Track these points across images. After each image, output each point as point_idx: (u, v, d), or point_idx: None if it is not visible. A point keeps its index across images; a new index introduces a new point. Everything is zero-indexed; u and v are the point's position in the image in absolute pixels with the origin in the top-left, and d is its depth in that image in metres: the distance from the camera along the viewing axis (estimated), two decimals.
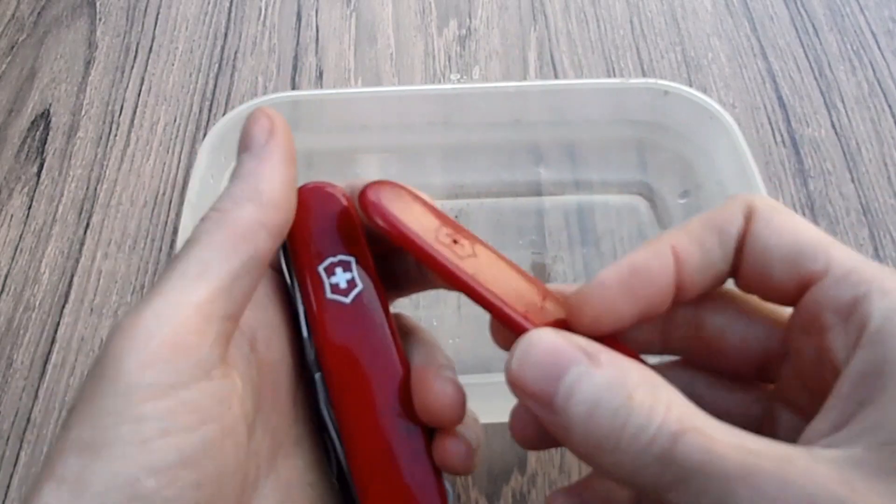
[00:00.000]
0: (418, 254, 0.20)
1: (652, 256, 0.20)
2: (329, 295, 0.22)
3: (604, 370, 0.17)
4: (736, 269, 0.20)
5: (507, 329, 0.20)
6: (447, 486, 0.22)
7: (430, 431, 0.22)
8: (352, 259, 0.22)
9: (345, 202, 0.23)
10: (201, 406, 0.17)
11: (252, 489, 0.20)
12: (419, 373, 0.22)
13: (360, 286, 0.22)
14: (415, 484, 0.22)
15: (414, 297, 0.38)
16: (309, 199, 0.22)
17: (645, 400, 0.16)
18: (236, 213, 0.19)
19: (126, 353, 0.17)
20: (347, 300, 0.22)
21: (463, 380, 0.32)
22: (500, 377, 0.34)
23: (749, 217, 0.20)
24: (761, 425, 0.21)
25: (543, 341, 0.17)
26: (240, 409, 0.19)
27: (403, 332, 0.24)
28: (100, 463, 0.16)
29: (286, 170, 0.21)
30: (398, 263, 0.25)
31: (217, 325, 0.18)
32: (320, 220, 0.22)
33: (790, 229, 0.19)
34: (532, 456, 0.34)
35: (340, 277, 0.22)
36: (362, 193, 0.20)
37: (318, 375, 0.22)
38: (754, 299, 0.21)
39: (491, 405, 0.35)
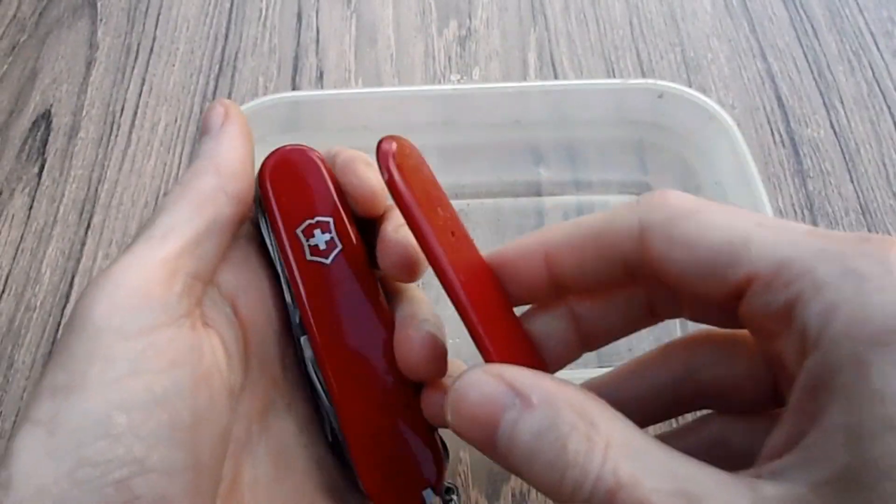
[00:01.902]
0: (408, 216, 0.20)
1: (520, 255, 0.21)
2: (309, 257, 0.22)
3: (535, 413, 0.16)
4: (656, 279, 0.19)
5: (464, 323, 0.20)
6: (445, 445, 0.22)
7: (419, 387, 0.22)
8: (330, 219, 0.22)
9: (320, 164, 0.23)
10: (170, 350, 0.18)
11: (245, 451, 0.21)
12: (399, 328, 0.22)
13: (339, 246, 0.22)
14: (407, 442, 0.22)
15: None
16: (284, 162, 0.22)
17: (580, 448, 0.16)
18: (196, 181, 0.21)
19: (95, 301, 0.18)
20: (327, 261, 0.22)
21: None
22: None
23: (643, 234, 0.18)
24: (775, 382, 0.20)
25: (474, 388, 0.17)
26: (213, 361, 0.19)
27: (391, 292, 0.24)
28: (72, 403, 0.17)
29: (242, 145, 0.22)
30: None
31: (183, 280, 0.19)
32: (296, 182, 0.22)
33: (694, 237, 0.17)
34: None
35: (319, 239, 0.22)
36: (380, 142, 0.20)
37: (303, 338, 0.22)
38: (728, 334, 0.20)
39: None
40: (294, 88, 0.47)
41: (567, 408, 0.16)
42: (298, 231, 0.22)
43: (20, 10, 0.51)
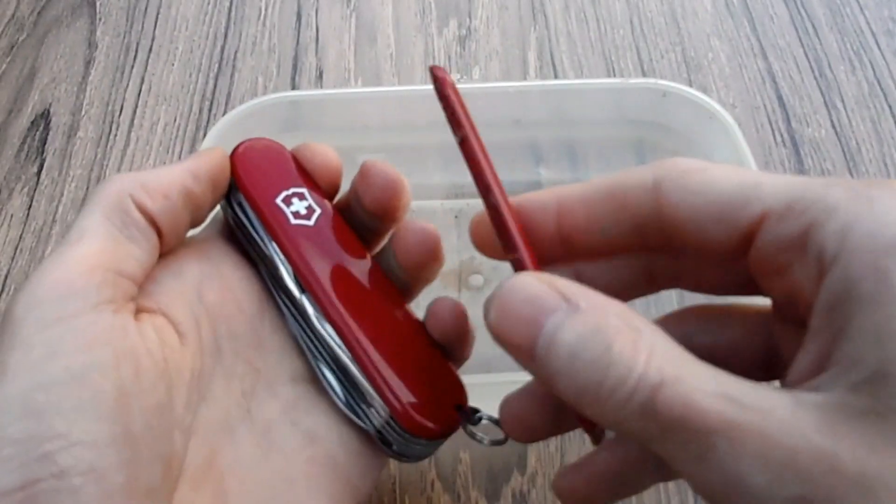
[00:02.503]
0: (467, 135, 0.23)
1: (533, 206, 0.21)
2: (293, 221, 0.23)
3: (583, 317, 0.16)
4: (666, 236, 0.19)
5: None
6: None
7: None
8: (304, 189, 0.24)
9: (282, 149, 0.25)
10: (89, 332, 0.18)
11: (224, 433, 0.21)
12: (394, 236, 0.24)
13: (318, 210, 0.24)
14: (427, 368, 0.23)
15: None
16: (252, 149, 0.24)
17: (625, 349, 0.16)
18: (106, 185, 0.21)
19: (17, 298, 0.18)
20: (311, 223, 0.23)
21: (463, 380, 0.32)
22: (501, 377, 0.34)
23: (656, 187, 0.19)
24: (767, 352, 0.21)
25: (522, 289, 0.17)
26: (140, 341, 0.19)
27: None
28: None
29: (184, 177, 0.22)
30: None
31: (103, 274, 0.19)
32: (266, 164, 0.24)
33: (709, 185, 0.18)
34: (532, 455, 0.34)
35: (299, 205, 0.24)
36: (433, 69, 0.22)
37: (303, 297, 0.23)
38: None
39: (491, 405, 0.35)
40: (293, 88, 0.47)
41: (613, 315, 0.16)
42: (278, 201, 0.23)
43: (19, 10, 0.51)
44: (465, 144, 0.21)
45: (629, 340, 0.16)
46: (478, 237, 0.22)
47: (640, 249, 0.20)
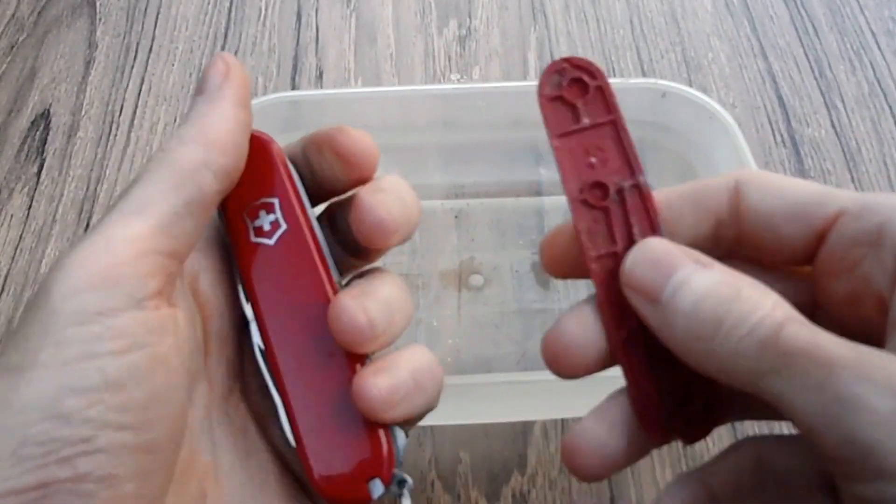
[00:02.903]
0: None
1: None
2: (252, 238, 0.22)
3: (714, 272, 0.18)
4: (740, 240, 0.20)
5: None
6: (397, 430, 0.21)
7: None
8: (275, 200, 0.22)
9: (272, 147, 0.23)
10: (130, 333, 0.18)
11: (203, 437, 0.21)
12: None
13: (283, 227, 0.22)
14: (354, 432, 0.21)
15: (414, 297, 0.38)
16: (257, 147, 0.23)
17: (752, 294, 0.17)
18: (180, 152, 0.20)
19: (55, 282, 0.17)
20: (271, 241, 0.22)
21: (463, 380, 0.32)
22: (500, 377, 0.34)
23: (737, 189, 0.20)
24: None
25: (660, 244, 0.19)
26: (174, 343, 0.19)
27: (363, 273, 0.23)
28: (22, 384, 0.16)
29: (237, 113, 0.21)
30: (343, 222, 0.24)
31: (154, 259, 0.18)
32: (248, 166, 0.22)
33: (788, 188, 0.19)
34: (532, 456, 0.34)
35: (264, 220, 0.22)
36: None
37: (252, 324, 0.22)
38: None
39: (491, 405, 0.35)
40: (293, 88, 0.47)
41: (742, 277, 0.18)
42: (244, 213, 0.22)
43: (19, 10, 0.51)
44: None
45: (757, 290, 0.17)
46: (550, 256, 0.22)
47: (716, 254, 0.21)
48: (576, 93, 0.21)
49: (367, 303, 0.20)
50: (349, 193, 0.23)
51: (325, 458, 0.21)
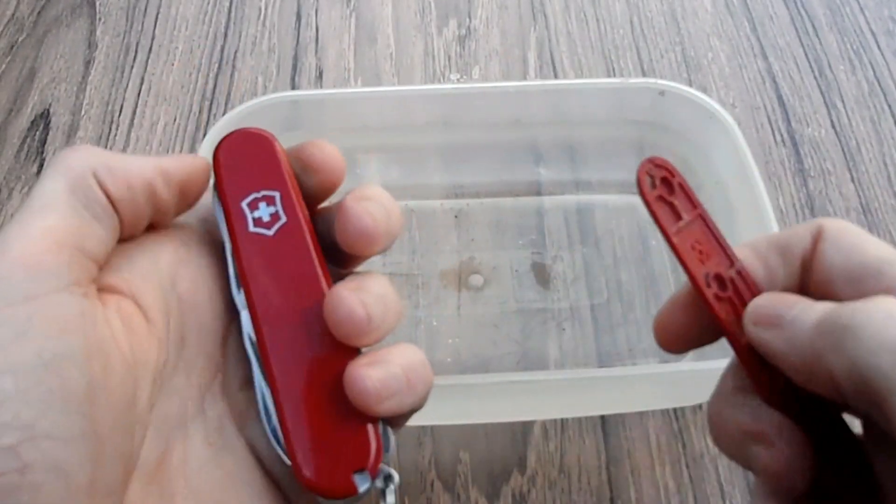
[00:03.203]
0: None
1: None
2: (251, 228, 0.22)
3: (828, 304, 0.18)
4: (807, 289, 0.20)
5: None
6: (387, 431, 0.21)
7: None
8: (276, 193, 0.23)
9: (273, 143, 0.23)
10: (60, 316, 0.18)
11: (179, 431, 0.21)
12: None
13: (283, 219, 0.22)
14: (342, 424, 0.21)
15: (413, 297, 0.38)
16: (237, 140, 0.23)
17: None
18: (71, 154, 0.20)
19: None
20: (270, 232, 0.22)
21: (463, 380, 0.32)
22: (500, 377, 0.34)
23: (817, 237, 0.20)
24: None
25: (778, 293, 0.20)
26: (108, 332, 0.19)
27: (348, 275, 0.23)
28: None
29: (151, 167, 0.21)
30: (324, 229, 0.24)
31: (70, 252, 0.19)
32: (247, 159, 0.23)
33: (857, 248, 0.19)
34: (532, 456, 0.34)
35: (264, 211, 0.22)
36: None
37: (244, 314, 0.22)
38: None
39: (491, 405, 0.35)
40: (293, 88, 0.47)
41: None
42: (244, 203, 0.22)
43: (19, 10, 0.51)
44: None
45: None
46: (665, 338, 0.22)
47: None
48: (667, 191, 0.22)
49: (364, 296, 0.20)
50: (325, 204, 0.24)
51: (312, 450, 0.20)
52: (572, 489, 0.34)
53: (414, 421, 0.35)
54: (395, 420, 0.22)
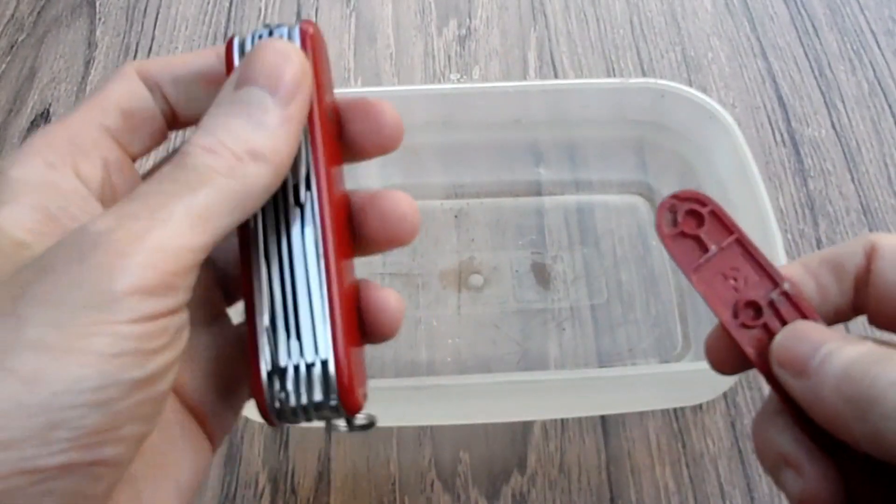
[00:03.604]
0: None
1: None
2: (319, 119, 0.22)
3: (864, 345, 0.18)
4: (864, 306, 0.20)
5: None
6: None
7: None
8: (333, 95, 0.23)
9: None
10: (170, 333, 0.18)
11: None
12: (369, 198, 0.23)
13: (329, 114, 0.22)
14: (358, 345, 0.22)
15: (414, 297, 0.38)
16: (316, 38, 0.22)
17: None
18: (249, 169, 0.19)
19: (119, 274, 0.17)
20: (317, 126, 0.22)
21: (463, 380, 0.32)
22: (500, 378, 0.34)
23: (871, 255, 0.20)
24: None
25: (807, 323, 0.19)
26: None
27: None
28: (61, 365, 0.16)
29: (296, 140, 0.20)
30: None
31: (196, 272, 0.18)
32: (321, 59, 0.22)
33: None
34: (532, 455, 0.34)
35: (328, 106, 0.22)
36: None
37: (309, 193, 0.21)
38: None
39: (491, 405, 0.35)
40: None
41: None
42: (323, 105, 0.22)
43: (18, 10, 0.51)
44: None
45: None
46: (717, 360, 0.22)
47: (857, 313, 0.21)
48: (693, 224, 0.21)
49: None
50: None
51: (348, 360, 0.20)
52: (572, 489, 0.34)
53: (414, 421, 0.35)
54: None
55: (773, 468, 0.20)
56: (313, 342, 0.20)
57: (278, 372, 0.20)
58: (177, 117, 0.23)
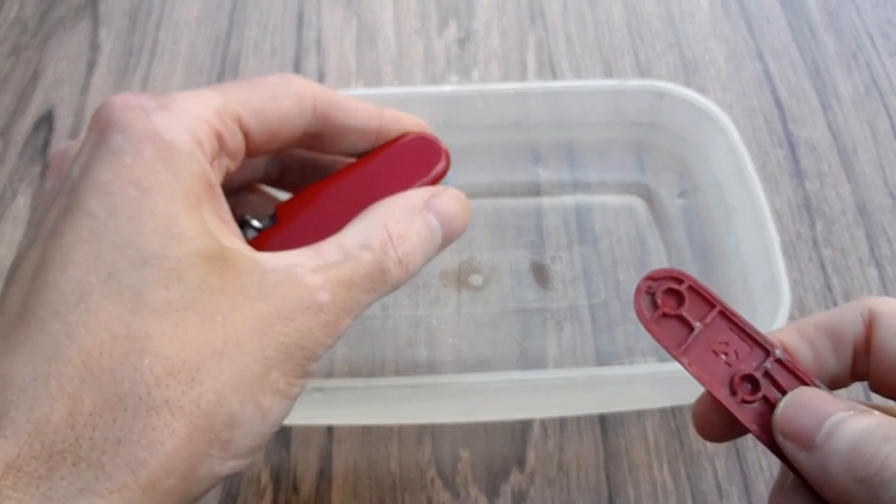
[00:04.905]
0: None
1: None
2: None
3: (871, 416, 0.17)
4: (863, 373, 0.20)
5: None
6: None
7: None
8: None
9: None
10: None
11: None
12: None
13: None
14: None
15: (413, 296, 0.39)
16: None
17: None
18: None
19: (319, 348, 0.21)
20: None
21: (463, 379, 0.32)
22: (500, 377, 0.35)
23: (871, 323, 0.19)
24: None
25: (814, 391, 0.19)
26: None
27: None
28: (277, 402, 0.20)
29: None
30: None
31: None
32: None
33: None
34: (531, 454, 0.35)
35: None
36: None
37: None
38: None
39: (490, 404, 0.35)
40: None
41: None
42: None
43: (22, 12, 0.51)
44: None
45: None
46: (704, 429, 0.22)
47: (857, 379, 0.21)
48: (674, 304, 0.20)
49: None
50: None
51: None
52: (571, 487, 0.34)
53: (414, 419, 0.35)
54: None
55: None
56: None
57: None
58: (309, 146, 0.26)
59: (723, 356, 0.20)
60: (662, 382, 0.34)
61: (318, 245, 0.21)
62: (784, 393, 0.19)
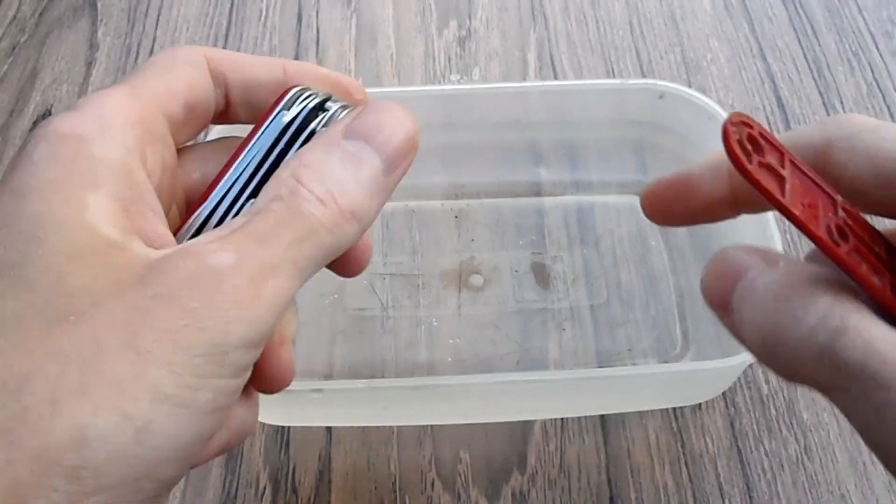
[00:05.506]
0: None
1: (707, 170, 0.21)
2: None
3: (775, 272, 0.16)
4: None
5: None
6: None
7: None
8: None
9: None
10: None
11: None
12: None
13: None
14: None
15: (414, 296, 0.38)
16: None
17: (804, 295, 0.16)
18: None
19: (233, 324, 0.17)
20: None
21: (463, 380, 0.32)
22: (500, 377, 0.35)
23: (827, 148, 0.19)
24: None
25: (729, 252, 0.18)
26: None
27: None
28: (168, 420, 0.16)
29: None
30: None
31: None
32: None
33: (875, 150, 0.18)
34: (532, 455, 0.35)
35: None
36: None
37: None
38: None
39: (491, 405, 0.35)
40: None
41: (806, 272, 0.16)
42: None
43: (20, 11, 0.51)
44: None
45: (811, 289, 0.16)
46: (652, 209, 0.22)
47: None
48: (759, 152, 0.17)
49: None
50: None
51: None
52: (572, 488, 0.34)
53: (414, 420, 0.35)
54: None
55: None
56: None
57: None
58: (225, 115, 0.22)
59: (809, 207, 0.17)
60: (664, 384, 0.34)
61: (227, 222, 0.19)
62: (864, 242, 0.17)
